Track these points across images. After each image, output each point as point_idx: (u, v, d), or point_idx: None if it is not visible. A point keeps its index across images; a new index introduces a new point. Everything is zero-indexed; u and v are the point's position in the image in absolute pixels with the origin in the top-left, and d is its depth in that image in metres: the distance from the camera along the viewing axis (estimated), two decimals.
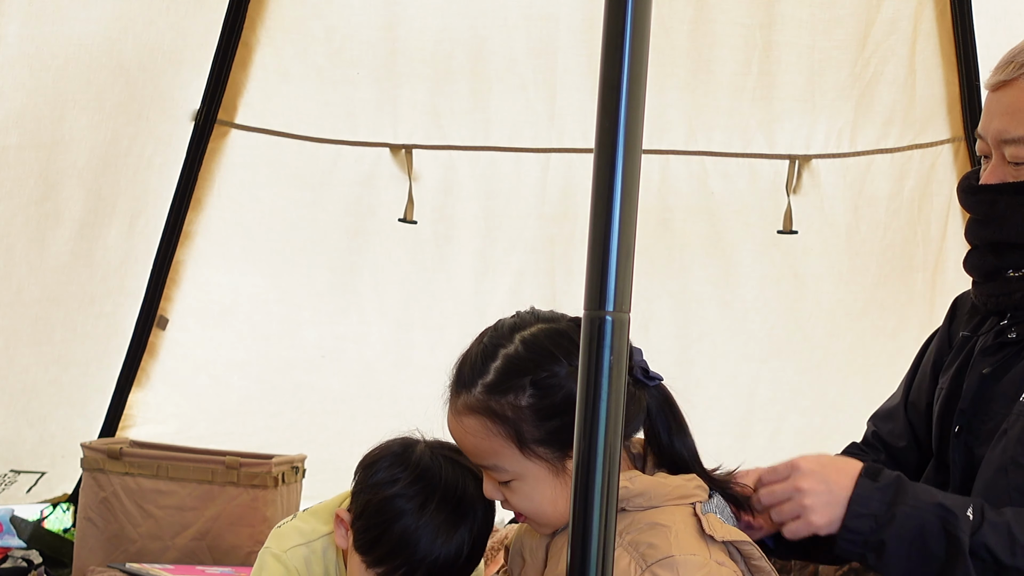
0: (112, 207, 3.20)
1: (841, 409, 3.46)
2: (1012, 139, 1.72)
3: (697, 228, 3.43)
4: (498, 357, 1.55)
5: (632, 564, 1.46)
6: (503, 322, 1.60)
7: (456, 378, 1.58)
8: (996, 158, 1.75)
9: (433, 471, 1.79)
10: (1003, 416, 1.76)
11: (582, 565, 1.09)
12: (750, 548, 1.54)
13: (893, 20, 3.16)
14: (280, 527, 1.95)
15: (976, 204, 1.79)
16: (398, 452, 1.83)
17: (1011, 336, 1.79)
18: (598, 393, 1.09)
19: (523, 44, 3.31)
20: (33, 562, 3.29)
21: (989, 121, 1.75)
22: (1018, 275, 1.76)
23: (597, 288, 1.08)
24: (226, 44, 3.29)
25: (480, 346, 1.58)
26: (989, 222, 1.78)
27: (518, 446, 1.52)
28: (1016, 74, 1.71)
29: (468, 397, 1.55)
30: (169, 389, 3.59)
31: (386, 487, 1.79)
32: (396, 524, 1.76)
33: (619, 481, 1.50)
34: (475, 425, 1.54)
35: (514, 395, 1.51)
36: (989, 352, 1.82)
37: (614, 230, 1.08)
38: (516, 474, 1.54)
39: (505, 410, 1.52)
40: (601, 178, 1.09)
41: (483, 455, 1.56)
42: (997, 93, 1.74)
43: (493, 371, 1.54)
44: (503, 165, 3.45)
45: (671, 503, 1.53)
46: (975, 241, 1.83)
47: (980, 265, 1.82)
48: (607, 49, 1.09)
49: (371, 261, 3.55)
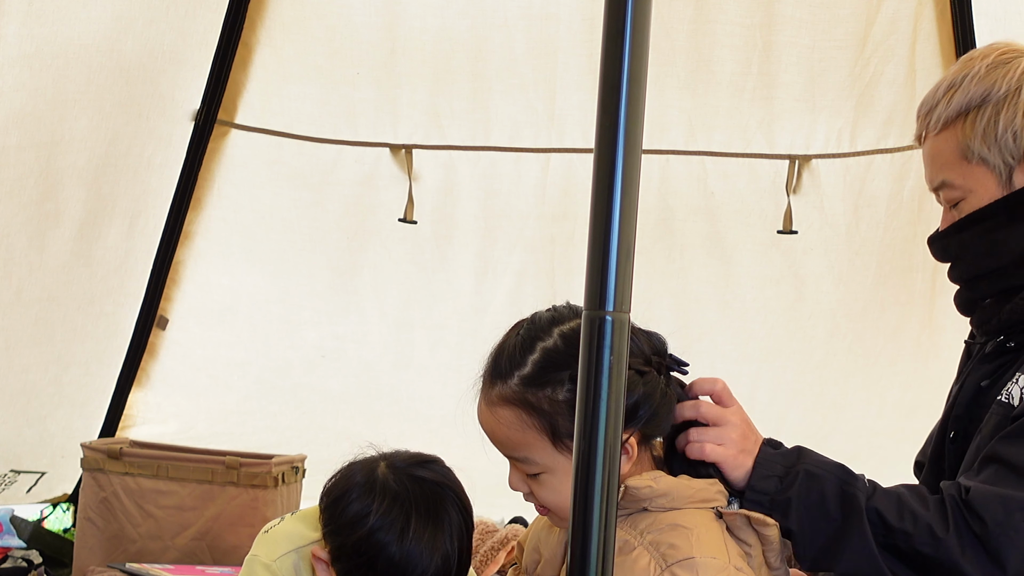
0: (112, 207, 3.20)
1: (841, 409, 3.46)
2: (937, 186, 1.85)
3: (697, 228, 3.43)
4: (536, 350, 1.55)
5: (652, 563, 1.47)
6: (540, 315, 1.61)
7: (492, 368, 1.58)
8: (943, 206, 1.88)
9: (402, 494, 1.75)
10: None
11: (582, 565, 1.09)
12: (772, 531, 1.56)
13: (893, 20, 3.16)
14: (267, 532, 1.92)
15: (937, 252, 1.92)
16: (362, 482, 1.78)
17: (1010, 345, 1.83)
18: (598, 393, 1.09)
19: (523, 44, 3.31)
20: (33, 562, 3.29)
21: (925, 173, 1.88)
22: (991, 302, 1.85)
23: (597, 288, 1.09)
24: (226, 44, 3.29)
25: (517, 338, 1.58)
26: (951, 263, 1.90)
27: (551, 439, 1.53)
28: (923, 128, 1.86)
29: (504, 388, 1.55)
30: (169, 389, 3.59)
31: (360, 524, 1.74)
32: (380, 558, 1.72)
33: (643, 480, 1.52)
34: (510, 416, 1.55)
35: (551, 389, 1.52)
36: (987, 359, 1.86)
37: (614, 230, 1.08)
38: (546, 467, 1.55)
39: (542, 403, 1.53)
40: (601, 178, 1.09)
41: (515, 446, 1.56)
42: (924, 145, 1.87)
43: (531, 364, 1.55)
44: (503, 165, 3.45)
45: (693, 505, 1.55)
46: (954, 281, 1.94)
47: (960, 302, 1.93)
48: (607, 49, 1.09)
49: (371, 261, 3.55)
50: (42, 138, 2.87)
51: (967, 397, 1.85)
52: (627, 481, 1.53)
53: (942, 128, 1.81)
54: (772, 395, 3.51)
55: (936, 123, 1.82)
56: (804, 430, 3.49)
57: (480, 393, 1.60)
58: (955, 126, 1.80)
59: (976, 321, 1.90)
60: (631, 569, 1.47)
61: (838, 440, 3.36)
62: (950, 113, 1.80)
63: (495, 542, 3.03)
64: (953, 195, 1.82)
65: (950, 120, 1.80)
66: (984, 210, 1.80)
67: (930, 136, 1.84)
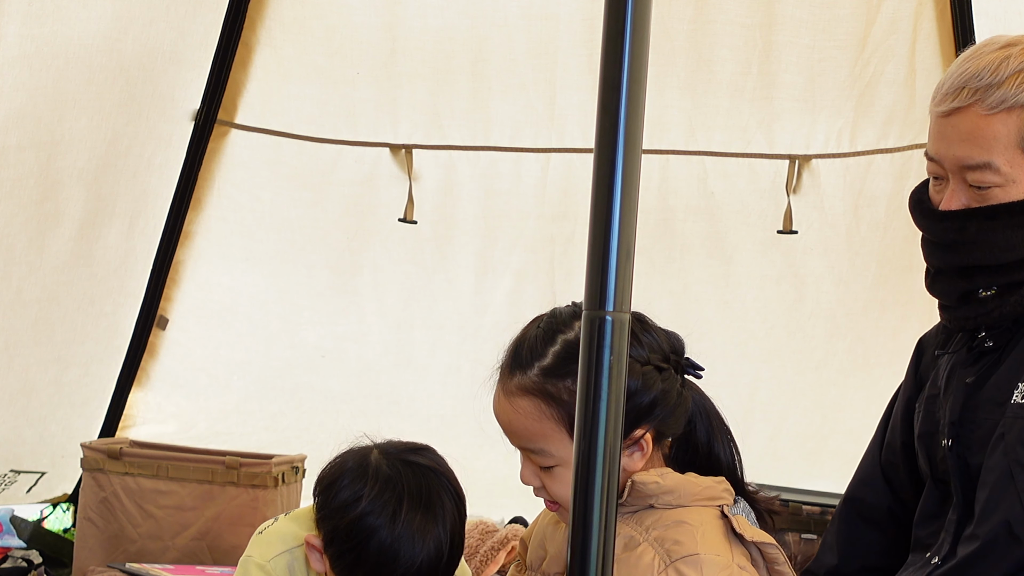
0: (112, 207, 3.20)
1: (841, 409, 3.46)
2: (975, 165, 1.75)
3: (697, 228, 3.43)
4: (557, 342, 1.57)
5: (656, 559, 1.48)
6: (560, 310, 1.62)
7: (511, 359, 1.59)
8: (956, 182, 1.79)
9: (395, 478, 1.76)
10: (992, 422, 1.77)
11: (582, 564, 1.09)
12: (775, 552, 1.55)
13: (893, 20, 3.16)
14: (261, 532, 1.92)
15: (943, 230, 1.81)
16: (354, 467, 1.79)
17: (988, 345, 1.81)
18: (598, 393, 1.09)
19: (523, 44, 3.31)
20: (33, 562, 3.28)
21: (947, 147, 1.78)
22: (989, 294, 1.78)
23: (597, 288, 1.09)
24: (226, 44, 3.29)
25: (538, 330, 1.59)
26: (957, 247, 1.80)
27: (569, 431, 1.53)
28: (970, 100, 1.75)
29: (523, 378, 1.56)
30: (169, 389, 3.59)
31: (351, 508, 1.75)
32: (371, 542, 1.72)
33: (650, 476, 1.52)
34: (528, 407, 1.55)
35: (572, 380, 1.51)
36: (968, 363, 1.84)
37: (614, 230, 1.08)
38: (560, 460, 1.55)
39: (561, 393, 1.54)
40: (601, 178, 1.09)
41: (531, 437, 1.57)
42: (951, 118, 1.77)
43: (552, 355, 1.56)
44: (503, 165, 3.45)
45: (699, 503, 1.55)
46: (940, 266, 1.85)
47: (950, 290, 1.84)
48: (607, 49, 1.09)
49: (371, 261, 3.55)
50: (42, 138, 2.87)
51: (959, 402, 1.82)
52: (634, 476, 1.53)
53: (1004, 109, 1.73)
54: (772, 395, 3.51)
55: (997, 102, 1.73)
56: (804, 430, 3.50)
57: (497, 384, 1.61)
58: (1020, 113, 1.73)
59: (968, 312, 1.82)
60: (636, 565, 1.48)
61: (838, 440, 3.36)
62: (1020, 99, 1.73)
63: (495, 542, 3.03)
64: (991, 179, 1.75)
65: (1017, 106, 1.73)
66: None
67: (979, 112, 1.74)
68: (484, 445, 2.82)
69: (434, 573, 1.75)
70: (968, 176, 1.77)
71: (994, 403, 1.78)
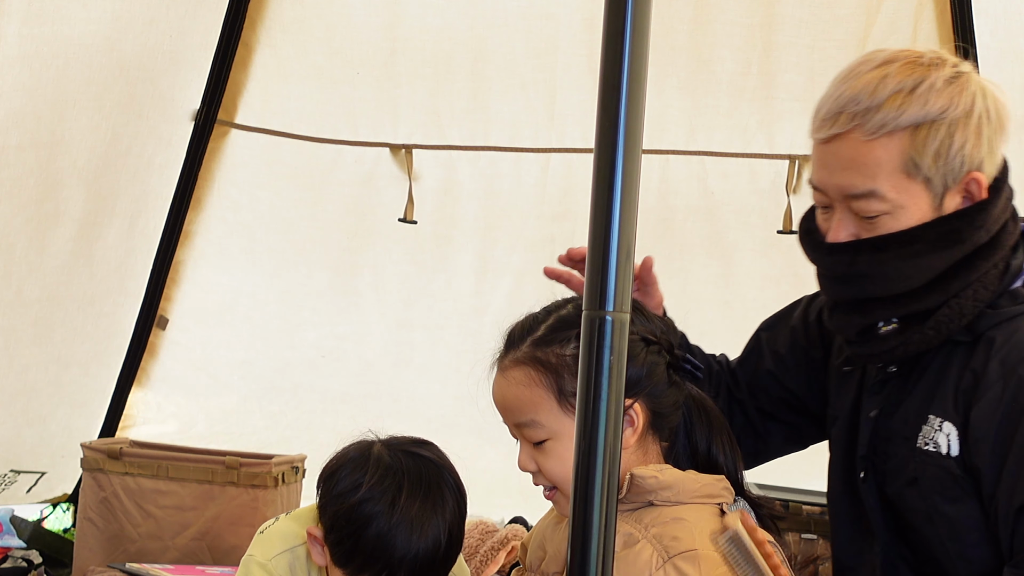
0: (112, 207, 3.20)
1: None
2: (859, 194, 1.66)
3: (697, 228, 3.43)
4: (550, 318, 1.63)
5: (655, 556, 1.48)
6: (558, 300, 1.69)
7: (507, 342, 1.65)
8: (842, 211, 1.70)
9: (395, 466, 1.78)
10: (903, 456, 1.71)
11: (582, 564, 1.09)
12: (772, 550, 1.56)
13: (893, 20, 3.16)
14: (263, 532, 1.93)
15: (833, 264, 1.73)
16: (355, 457, 1.81)
17: (891, 371, 1.75)
18: (598, 393, 1.09)
19: (523, 44, 3.31)
20: (33, 562, 3.28)
21: (829, 175, 1.69)
22: (891, 328, 1.70)
23: (597, 288, 1.09)
24: (226, 44, 3.29)
25: (532, 313, 1.66)
26: (849, 281, 1.72)
27: (557, 398, 1.57)
28: (849, 126, 1.66)
29: (516, 352, 1.61)
30: (169, 389, 3.59)
31: (351, 494, 1.77)
32: (369, 529, 1.74)
33: (649, 471, 1.53)
34: (519, 375, 1.59)
35: (559, 346, 1.58)
36: (874, 390, 1.78)
37: (614, 230, 1.08)
38: (552, 432, 1.58)
39: (549, 357, 1.58)
40: (601, 178, 1.09)
41: (522, 408, 1.59)
42: (831, 145, 1.69)
43: (543, 328, 1.61)
44: (503, 165, 3.45)
45: (698, 500, 1.56)
46: (835, 299, 1.78)
47: (847, 325, 1.75)
48: (607, 49, 1.09)
49: (371, 261, 3.55)
50: (42, 138, 2.87)
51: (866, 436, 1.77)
52: (633, 470, 1.54)
53: (884, 134, 1.63)
54: None
55: (877, 127, 1.63)
56: None
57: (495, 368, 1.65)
58: (902, 136, 1.63)
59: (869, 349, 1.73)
60: (634, 562, 1.48)
61: None
62: (901, 121, 1.62)
63: (495, 542, 3.03)
64: (877, 207, 1.65)
65: (898, 128, 1.63)
66: (914, 231, 1.65)
67: (859, 138, 1.65)
68: (484, 445, 2.82)
69: (431, 565, 1.76)
70: (853, 205, 1.67)
71: (902, 437, 1.72)
